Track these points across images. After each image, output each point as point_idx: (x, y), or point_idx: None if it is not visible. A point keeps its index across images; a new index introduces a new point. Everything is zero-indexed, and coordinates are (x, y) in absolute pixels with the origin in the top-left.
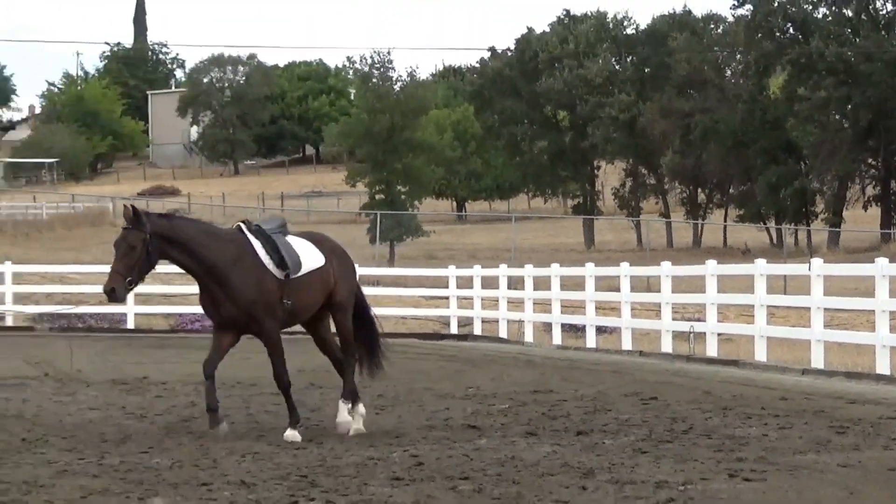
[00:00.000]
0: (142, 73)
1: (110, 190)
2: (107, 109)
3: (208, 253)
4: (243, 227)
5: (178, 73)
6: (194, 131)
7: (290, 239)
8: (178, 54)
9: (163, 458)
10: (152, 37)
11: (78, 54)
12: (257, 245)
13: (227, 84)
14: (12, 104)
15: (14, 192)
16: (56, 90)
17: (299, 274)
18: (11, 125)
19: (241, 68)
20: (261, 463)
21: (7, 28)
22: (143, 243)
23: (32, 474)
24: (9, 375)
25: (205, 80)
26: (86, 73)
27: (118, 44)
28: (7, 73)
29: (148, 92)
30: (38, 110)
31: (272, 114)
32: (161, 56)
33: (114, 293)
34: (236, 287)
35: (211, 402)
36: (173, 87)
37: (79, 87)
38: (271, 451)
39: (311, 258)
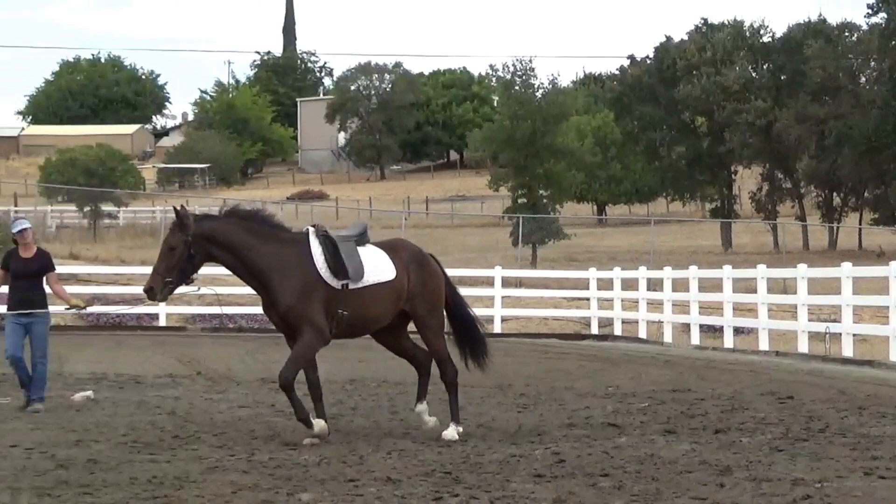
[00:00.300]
0: (291, 81)
1: (260, 194)
2: (257, 116)
3: (253, 256)
4: (311, 231)
5: (327, 81)
6: (342, 137)
7: (366, 248)
8: (326, 63)
9: (310, 454)
10: (301, 46)
11: (229, 63)
12: (316, 251)
13: (373, 91)
14: (166, 112)
15: (167, 197)
16: (208, 98)
17: (361, 285)
18: (165, 132)
19: (387, 76)
20: (406, 460)
21: (161, 38)
22: (185, 245)
23: (184, 470)
24: (162, 374)
25: (352, 88)
26: (237, 81)
27: (268, 53)
28: (161, 81)
29: (297, 99)
30: (190, 117)
31: (417, 120)
32: (310, 64)
33: (151, 292)
34: (276, 291)
35: (301, 413)
36: (321, 95)
37: (230, 95)
38: (416, 448)
39: (379, 270)
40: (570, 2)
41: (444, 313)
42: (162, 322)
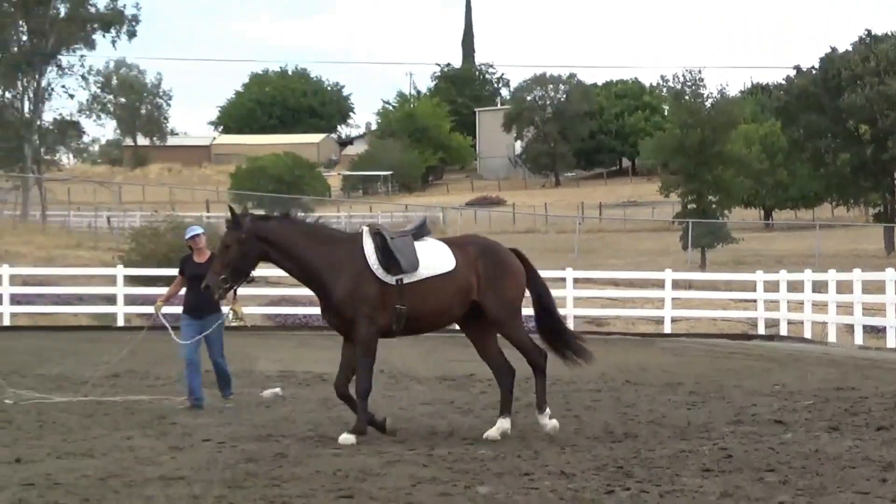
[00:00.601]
0: (469, 92)
1: (440, 200)
2: (437, 125)
3: (306, 255)
4: (364, 229)
5: (504, 92)
6: (518, 145)
7: (425, 242)
8: (503, 74)
9: (487, 449)
10: (479, 58)
11: (410, 75)
12: (368, 248)
13: (549, 102)
14: (350, 121)
15: (352, 202)
16: (390, 108)
17: (417, 278)
18: (350, 140)
19: (562, 87)
20: (579, 455)
21: (346, 51)
22: (238, 243)
23: (366, 463)
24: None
25: (528, 98)
26: (418, 92)
27: (448, 65)
28: (346, 92)
29: (475, 109)
30: (373, 127)
31: (591, 129)
32: (487, 76)
33: (208, 290)
34: (330, 289)
35: (361, 428)
36: (499, 105)
37: (411, 106)
38: (589, 443)
39: (436, 262)
40: (738, 15)
41: (534, 312)
42: None
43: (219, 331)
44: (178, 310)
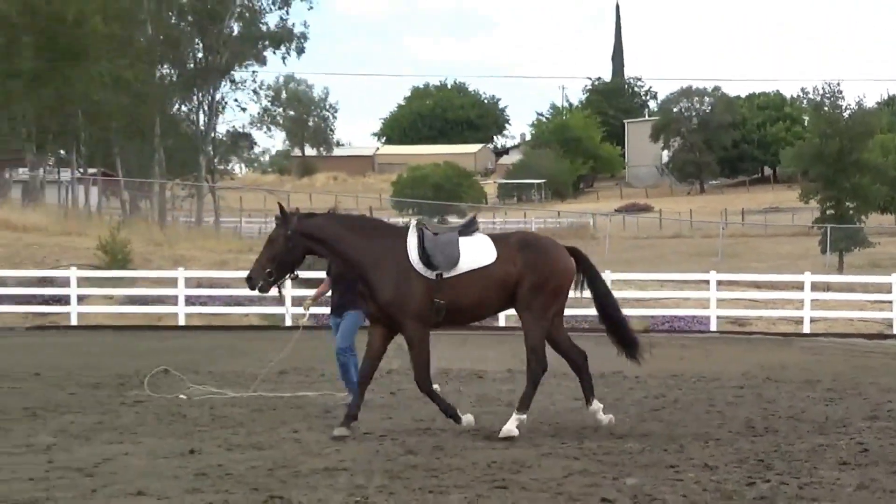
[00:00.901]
0: (619, 104)
1: (590, 206)
2: (588, 136)
3: (349, 250)
4: (412, 224)
5: (651, 104)
6: (665, 155)
7: (473, 237)
8: (651, 87)
9: (635, 443)
10: (628, 72)
11: (563, 88)
12: (411, 244)
13: (694, 113)
14: (506, 132)
15: (507, 209)
16: (543, 119)
17: (455, 273)
18: (505, 150)
19: (706, 99)
20: (722, 448)
21: (501, 66)
22: (284, 238)
23: (521, 455)
24: (501, 369)
25: (674, 110)
26: (570, 104)
27: (598, 78)
28: (501, 105)
29: (624, 120)
30: (527, 137)
31: (734, 139)
32: (636, 89)
33: (251, 281)
34: (374, 286)
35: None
36: (647, 116)
37: (564, 117)
38: (731, 437)
39: (477, 257)
40: (875, 29)
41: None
42: (501, 322)
43: (347, 326)
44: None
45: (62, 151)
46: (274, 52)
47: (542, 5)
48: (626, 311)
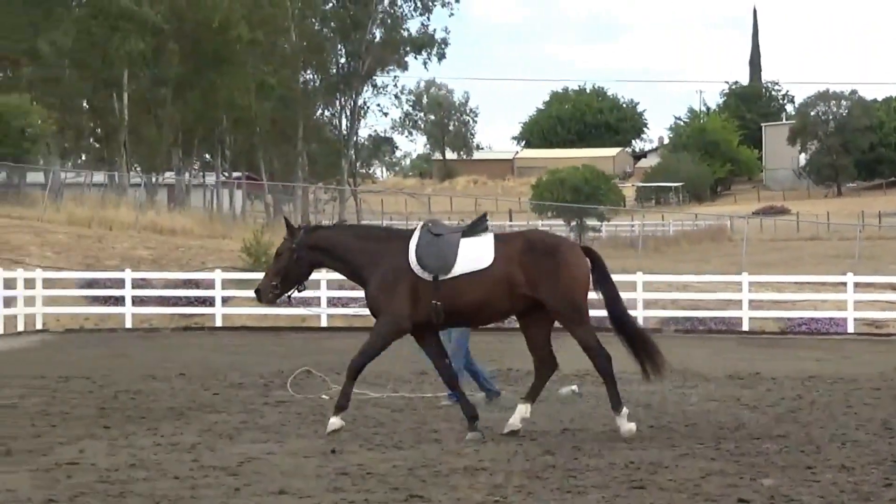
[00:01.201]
0: (756, 108)
1: (728, 209)
2: (725, 140)
3: (350, 256)
4: (419, 225)
5: (788, 108)
6: (802, 158)
7: (479, 238)
8: (788, 91)
9: (772, 444)
10: (766, 76)
11: (700, 92)
12: (412, 245)
13: (831, 116)
14: (644, 136)
15: (645, 212)
16: (681, 123)
17: (452, 275)
18: (643, 154)
19: (843, 102)
20: (859, 450)
21: (639, 70)
22: (289, 251)
23: (658, 456)
24: (637, 371)
25: (812, 114)
26: (707, 108)
27: (735, 82)
28: (640, 109)
29: (762, 124)
30: (665, 141)
31: (871, 142)
32: (773, 93)
33: (258, 293)
34: (366, 282)
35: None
36: (784, 120)
37: (701, 121)
38: (868, 439)
39: (475, 259)
40: None
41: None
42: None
43: (460, 339)
44: None
45: (207, 156)
46: (415, 58)
47: (680, 10)
48: (763, 314)
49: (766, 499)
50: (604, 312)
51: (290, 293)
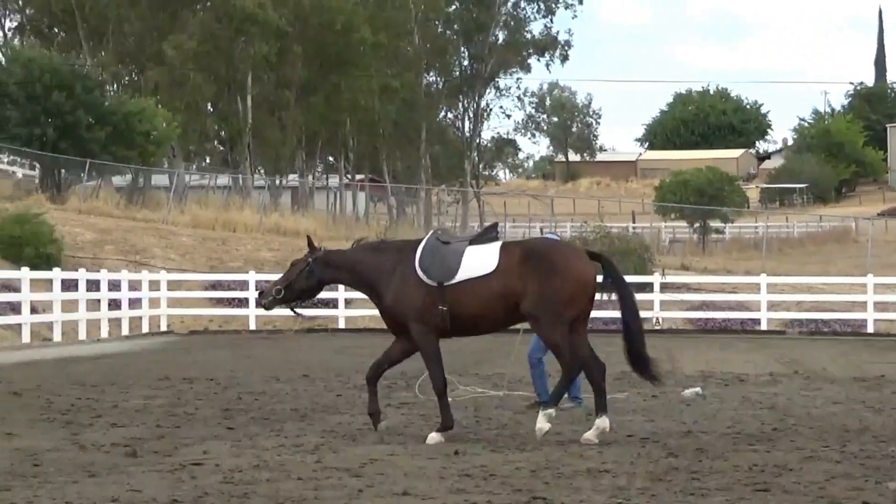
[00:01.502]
0: (881, 109)
1: (853, 211)
2: (850, 141)
3: (363, 269)
4: (428, 234)
5: None
6: None
7: (480, 246)
8: None
9: None
10: (891, 76)
11: (825, 93)
12: (418, 253)
13: None
14: (768, 137)
15: (769, 213)
16: (806, 124)
17: (454, 281)
18: (767, 155)
19: None
20: None
21: (764, 71)
22: (305, 264)
23: (783, 459)
24: (763, 373)
25: None
26: (832, 109)
27: (861, 83)
28: (764, 110)
29: (887, 125)
30: (790, 142)
31: None
32: None
33: (259, 298)
34: (382, 295)
35: (372, 407)
36: None
37: (826, 122)
38: None
39: (478, 266)
40: None
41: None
42: (763, 326)
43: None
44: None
45: (331, 158)
46: (538, 60)
47: (803, 11)
48: (889, 316)
49: (892, 502)
50: (605, 314)
51: (294, 305)
